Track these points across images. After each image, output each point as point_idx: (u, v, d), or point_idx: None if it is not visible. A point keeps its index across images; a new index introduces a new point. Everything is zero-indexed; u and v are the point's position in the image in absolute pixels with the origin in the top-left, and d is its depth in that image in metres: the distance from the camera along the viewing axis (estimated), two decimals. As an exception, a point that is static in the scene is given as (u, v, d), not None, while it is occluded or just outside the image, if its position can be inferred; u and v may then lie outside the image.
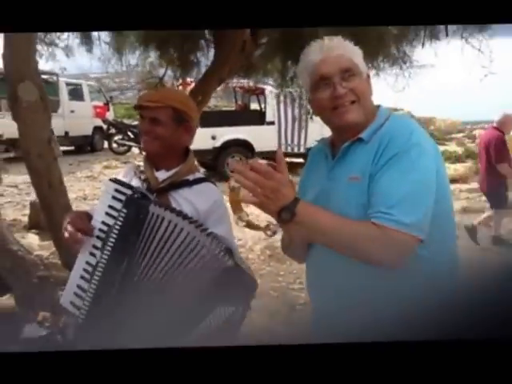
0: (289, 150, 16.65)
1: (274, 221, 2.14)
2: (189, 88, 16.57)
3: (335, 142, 2.34)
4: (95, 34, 7.51)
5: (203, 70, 7.86)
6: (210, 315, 2.52)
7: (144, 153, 2.95)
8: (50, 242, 8.66)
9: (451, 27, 6.43)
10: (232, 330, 2.60)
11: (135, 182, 2.81)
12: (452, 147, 21.41)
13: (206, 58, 7.84)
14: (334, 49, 2.23)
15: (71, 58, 7.80)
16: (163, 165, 2.83)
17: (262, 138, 16.38)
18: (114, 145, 22.16)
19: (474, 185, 15.02)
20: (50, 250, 7.83)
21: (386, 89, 7.23)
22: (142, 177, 2.84)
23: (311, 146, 2.31)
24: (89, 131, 22.42)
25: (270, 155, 2.23)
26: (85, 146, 22.34)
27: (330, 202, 2.15)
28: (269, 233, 2.21)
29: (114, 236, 2.59)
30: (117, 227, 2.58)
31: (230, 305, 2.54)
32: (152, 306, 2.54)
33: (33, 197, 12.20)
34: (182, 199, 2.75)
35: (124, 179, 2.84)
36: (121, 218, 2.58)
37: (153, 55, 8.02)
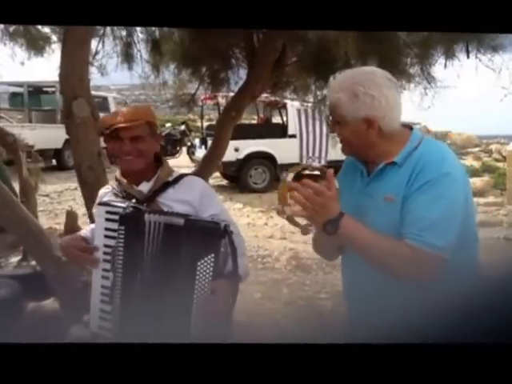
0: (309, 162, 16.63)
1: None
2: (212, 102, 16.88)
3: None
4: (135, 52, 7.81)
5: (233, 86, 8.12)
6: (196, 273, 2.55)
7: (118, 173, 2.97)
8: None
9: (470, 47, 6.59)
10: (229, 274, 2.61)
11: (119, 202, 2.84)
12: (469, 161, 21.21)
13: (236, 76, 8.02)
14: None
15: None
16: (142, 177, 2.89)
17: (283, 150, 16.53)
18: (140, 157, 22.33)
19: (491, 198, 15.01)
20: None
21: (404, 105, 7.36)
22: (123, 194, 2.90)
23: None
24: None
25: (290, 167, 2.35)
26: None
27: (366, 217, 2.32)
28: (305, 232, 2.37)
29: (121, 254, 2.68)
30: (120, 245, 2.68)
31: (205, 255, 2.54)
32: (166, 301, 2.61)
33: (65, 206, 12.53)
34: (171, 200, 2.84)
35: (109, 200, 2.90)
36: (121, 236, 2.67)
37: (185, 72, 8.19)
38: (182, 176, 2.97)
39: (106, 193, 3.03)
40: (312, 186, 2.14)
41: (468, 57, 6.51)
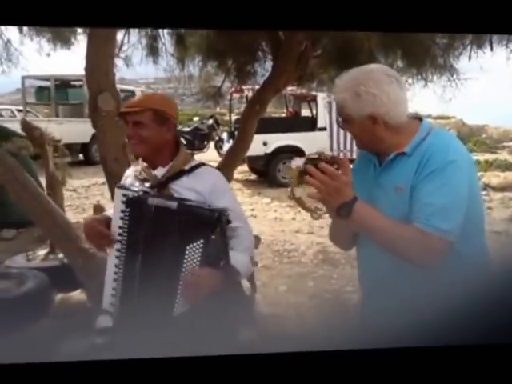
0: (341, 155, 16.40)
1: (321, 207, 2.41)
2: (238, 95, 16.90)
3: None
4: (160, 45, 7.85)
5: (259, 79, 8.13)
6: (184, 257, 2.71)
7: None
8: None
9: (497, 37, 6.52)
10: (223, 264, 2.76)
11: (137, 184, 3.03)
12: (503, 155, 21.03)
13: (262, 69, 8.04)
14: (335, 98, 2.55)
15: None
16: (158, 163, 3.01)
17: (313, 144, 15.96)
18: (167, 151, 22.36)
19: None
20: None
21: (437, 98, 7.29)
22: (141, 177, 3.04)
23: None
24: None
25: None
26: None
27: (377, 207, 2.39)
28: (314, 215, 2.39)
29: (126, 235, 2.85)
30: (125, 226, 2.84)
31: (195, 240, 2.69)
32: (162, 283, 2.77)
33: (92, 201, 12.62)
34: (183, 188, 2.93)
35: (126, 182, 3.11)
36: (126, 218, 2.84)
37: (210, 65, 8.23)
38: (198, 165, 3.05)
39: (129, 175, 3.21)
40: (328, 171, 2.19)
41: (491, 49, 6.45)
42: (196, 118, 25.73)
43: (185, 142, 21.89)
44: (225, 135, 19.43)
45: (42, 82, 22.42)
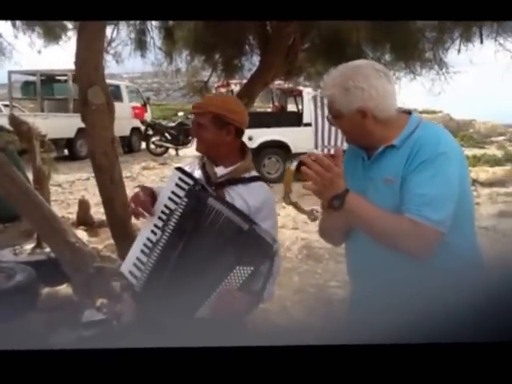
0: (325, 151, 16.39)
1: (317, 208, 2.50)
2: (225, 89, 16.84)
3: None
4: (149, 39, 7.82)
5: (246, 73, 8.11)
6: (230, 273, 2.76)
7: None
8: (98, 238, 9.04)
9: (486, 31, 6.54)
10: (255, 294, 2.79)
11: (197, 174, 3.09)
12: (492, 150, 21.01)
13: (249, 63, 8.02)
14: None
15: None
16: (221, 162, 3.07)
17: (298, 139, 16.21)
18: (152, 146, 22.27)
19: (512, 188, 14.92)
20: (101, 244, 8.19)
21: (424, 92, 7.28)
22: (203, 170, 3.10)
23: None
24: (127, 132, 22.44)
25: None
26: (123, 146, 22.20)
27: (367, 198, 2.41)
28: (312, 217, 2.43)
29: (175, 220, 2.89)
30: (178, 213, 2.89)
31: (247, 265, 2.75)
32: (195, 281, 2.81)
33: (77, 196, 12.58)
34: (236, 194, 2.99)
35: (188, 169, 3.14)
36: (182, 206, 2.88)
37: (197, 60, 8.22)
38: (256, 178, 3.12)
39: (193, 162, 3.28)
40: (323, 162, 2.21)
41: (482, 42, 6.46)
42: (181, 113, 25.63)
43: (169, 137, 21.91)
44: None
45: (29, 77, 22.31)
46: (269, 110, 21.51)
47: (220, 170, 3.06)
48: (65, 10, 1.72)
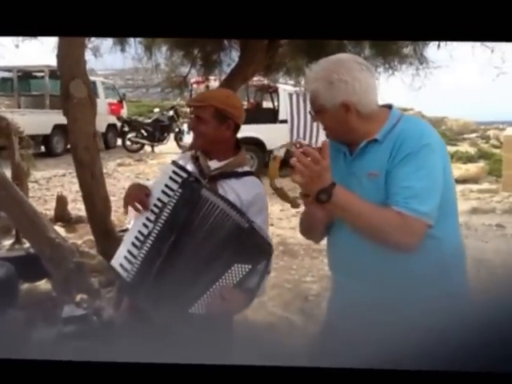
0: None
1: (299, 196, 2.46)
2: (203, 86, 16.75)
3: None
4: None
5: (225, 68, 8.12)
6: (227, 271, 2.76)
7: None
8: (76, 233, 9.01)
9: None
10: (250, 291, 2.81)
11: (190, 167, 3.05)
12: (464, 147, 21.12)
13: (228, 58, 8.04)
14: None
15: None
16: (215, 156, 3.06)
17: (274, 136, 15.76)
18: (128, 142, 22.09)
19: (486, 185, 15.06)
20: (79, 240, 8.16)
21: (397, 90, 7.28)
22: (196, 163, 3.08)
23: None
24: (102, 128, 21.65)
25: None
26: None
27: None
28: (294, 205, 2.44)
29: (168, 212, 2.88)
30: (171, 204, 2.88)
31: (245, 263, 2.77)
32: (188, 275, 2.82)
33: (53, 192, 12.53)
34: (229, 188, 2.99)
35: (181, 162, 3.11)
36: (175, 197, 2.88)
37: (177, 54, 8.20)
38: (248, 173, 3.14)
39: (185, 155, 3.29)
40: (312, 154, 2.20)
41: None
42: (157, 110, 25.52)
43: (145, 134, 21.80)
44: (185, 127, 19.16)
45: (5, 73, 22.06)
46: (244, 106, 21.36)
47: (213, 164, 3.06)
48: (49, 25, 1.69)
